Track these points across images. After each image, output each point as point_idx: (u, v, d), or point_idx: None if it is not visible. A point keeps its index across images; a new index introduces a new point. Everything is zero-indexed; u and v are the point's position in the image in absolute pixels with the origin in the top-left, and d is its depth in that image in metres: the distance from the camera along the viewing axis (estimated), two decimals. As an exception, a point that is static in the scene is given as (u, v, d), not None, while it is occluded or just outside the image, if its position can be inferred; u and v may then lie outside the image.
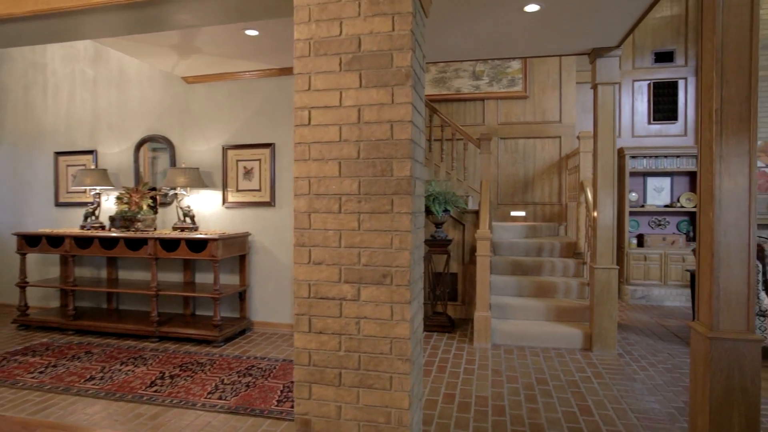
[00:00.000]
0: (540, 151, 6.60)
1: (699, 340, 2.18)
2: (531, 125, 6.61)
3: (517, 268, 5.30)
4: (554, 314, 4.69)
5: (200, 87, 5.32)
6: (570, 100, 6.53)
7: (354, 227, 2.14)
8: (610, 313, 4.22)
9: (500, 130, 6.70)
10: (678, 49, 7.56)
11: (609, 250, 4.23)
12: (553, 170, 6.57)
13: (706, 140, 2.14)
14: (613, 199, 4.19)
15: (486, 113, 6.77)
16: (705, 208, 2.15)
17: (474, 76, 6.83)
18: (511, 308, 4.77)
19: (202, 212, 5.31)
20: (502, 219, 6.64)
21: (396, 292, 2.10)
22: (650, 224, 7.68)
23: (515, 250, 5.56)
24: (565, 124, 6.52)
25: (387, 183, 2.11)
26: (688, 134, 7.53)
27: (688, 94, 7.53)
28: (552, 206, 6.55)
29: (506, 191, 6.68)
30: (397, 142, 2.10)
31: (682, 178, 7.62)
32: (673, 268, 7.29)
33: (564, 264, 5.23)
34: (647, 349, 4.88)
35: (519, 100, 6.67)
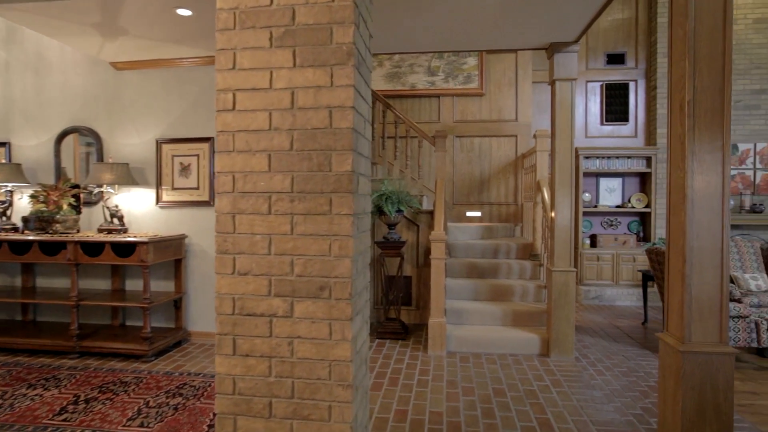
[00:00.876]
0: (496, 150, 6.46)
1: (669, 353, 1.99)
2: (487, 123, 6.46)
3: (473, 271, 5.11)
4: (511, 319, 4.52)
5: (131, 74, 4.81)
6: (526, 98, 6.42)
7: (286, 231, 1.82)
8: (568, 317, 4.08)
9: (456, 128, 6.52)
10: (629, 51, 7.63)
11: (567, 252, 4.08)
12: (509, 170, 6.44)
13: (677, 135, 1.95)
14: (571, 199, 4.05)
15: (441, 110, 6.57)
16: (676, 209, 1.96)
17: (429, 71, 6.61)
18: (467, 313, 4.57)
19: (133, 212, 4.81)
20: (457, 219, 6.46)
21: (335, 307, 1.79)
22: (602, 224, 7.72)
23: (471, 251, 5.37)
24: (522, 123, 6.41)
25: (325, 179, 1.80)
26: (638, 136, 7.62)
27: (638, 96, 7.62)
28: (508, 206, 6.42)
29: (462, 191, 6.50)
30: (337, 132, 1.79)
31: (632, 179, 7.70)
32: (624, 268, 7.35)
33: (520, 266, 5.08)
34: (602, 352, 4.80)
35: (475, 97, 6.51)
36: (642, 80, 7.61)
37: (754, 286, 5.92)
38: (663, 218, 7.32)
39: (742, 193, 7.38)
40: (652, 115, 7.47)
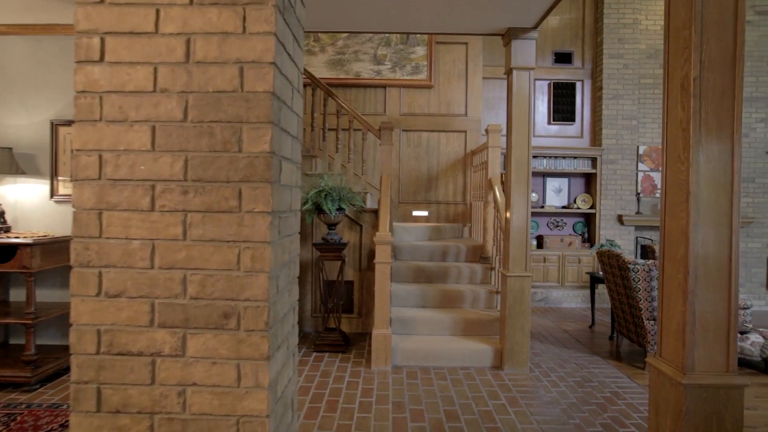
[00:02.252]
0: (444, 145, 6.12)
1: (666, 385, 1.64)
2: (436, 117, 6.10)
3: (421, 275, 4.71)
4: (462, 328, 4.15)
5: (18, 40, 4.00)
6: (476, 92, 6.12)
7: (176, 235, 1.29)
8: (523, 326, 3.76)
9: (403, 122, 6.11)
10: (576, 51, 7.56)
11: (522, 255, 3.77)
12: (457, 167, 6.12)
13: (676, 120, 1.60)
14: (527, 198, 3.73)
15: (388, 102, 6.14)
16: (674, 210, 1.61)
17: (375, 60, 6.16)
18: (414, 322, 4.15)
19: (21, 208, 4.01)
20: (403, 219, 6.06)
21: (246, 342, 1.28)
22: (549, 225, 7.61)
23: (418, 254, 4.97)
24: (471, 118, 6.11)
25: (233, 163, 1.29)
26: (584, 136, 7.56)
27: (584, 96, 7.56)
28: (456, 206, 6.10)
29: (408, 189, 6.11)
30: (251, 98, 1.28)
31: (578, 180, 7.65)
32: (570, 270, 7.26)
33: (471, 270, 4.74)
34: (555, 360, 4.55)
35: (423, 89, 6.13)
36: (588, 80, 7.56)
37: (696, 288, 5.96)
38: (607, 219, 7.29)
39: (680, 195, 7.49)
40: (597, 116, 7.43)
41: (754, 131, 7.35)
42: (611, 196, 7.31)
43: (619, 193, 7.32)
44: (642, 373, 4.26)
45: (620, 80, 7.27)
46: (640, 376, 4.21)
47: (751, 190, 7.35)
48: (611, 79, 7.26)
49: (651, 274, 4.29)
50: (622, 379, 4.12)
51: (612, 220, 7.31)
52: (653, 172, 7.49)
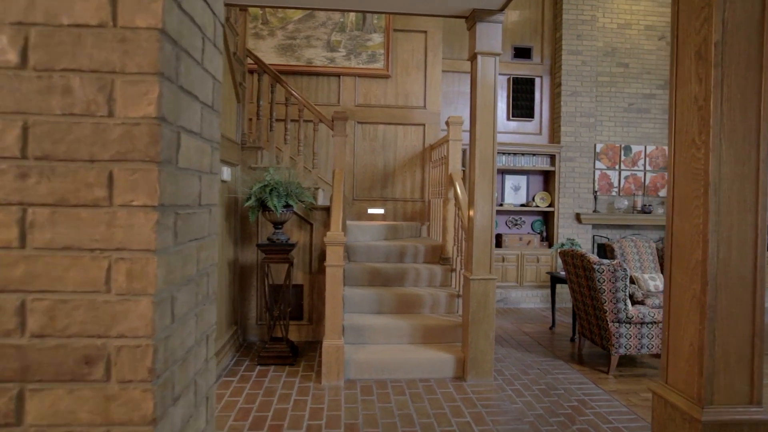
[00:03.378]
0: (402, 139, 5.78)
1: (677, 420, 1.34)
2: (393, 109, 5.76)
3: (377, 278, 4.35)
4: (421, 335, 3.82)
5: None
6: (435, 83, 5.82)
7: (8, 241, 0.85)
8: (487, 333, 3.47)
9: (358, 113, 5.72)
10: (535, 47, 7.41)
11: (486, 257, 3.47)
12: (415, 162, 5.80)
13: (689, 97, 1.30)
14: (491, 195, 3.44)
15: (342, 92, 5.73)
16: (686, 207, 1.31)
17: (329, 46, 5.74)
18: (369, 330, 3.78)
19: None
20: (358, 217, 5.68)
21: (119, 400, 0.86)
22: (508, 224, 7.44)
23: (374, 255, 4.61)
24: (430, 111, 5.80)
25: (99, 133, 0.86)
26: (543, 133, 7.43)
27: (543, 92, 7.43)
28: (414, 203, 5.78)
29: (363, 185, 5.73)
30: (128, 36, 0.87)
31: (537, 177, 7.52)
32: (529, 269, 7.12)
33: (430, 271, 4.43)
34: (517, 365, 4.31)
35: (380, 79, 5.77)
36: (547, 77, 7.44)
37: (653, 287, 5.90)
38: (565, 218, 7.19)
39: (635, 193, 7.52)
40: (556, 113, 7.32)
41: (705, 131, 7.43)
42: (569, 194, 7.22)
43: (577, 191, 7.24)
44: (606, 378, 4.09)
45: (578, 77, 7.18)
46: (605, 381, 4.02)
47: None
48: (570, 76, 7.16)
49: (616, 274, 4.12)
50: (587, 385, 3.92)
51: (570, 218, 7.22)
52: (610, 171, 7.46)
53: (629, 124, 7.52)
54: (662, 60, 7.54)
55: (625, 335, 4.15)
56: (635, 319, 4.14)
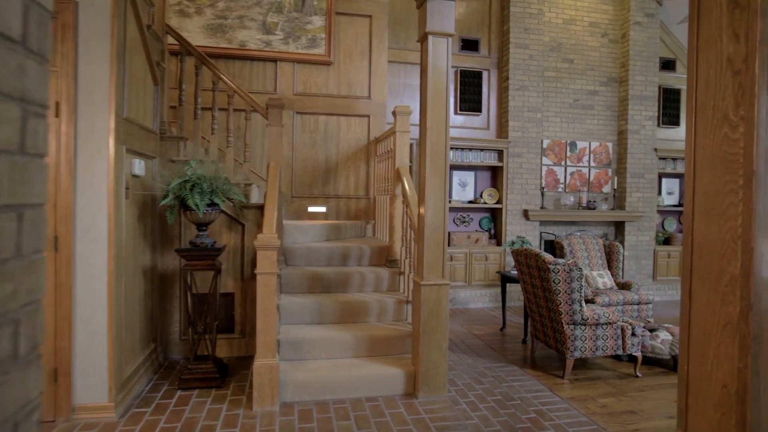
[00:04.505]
0: (345, 131, 5.36)
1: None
2: (335, 99, 5.32)
3: (317, 284, 3.92)
4: (367, 347, 3.44)
5: None
6: (381, 72, 5.44)
7: None
8: (440, 344, 3.14)
9: (297, 102, 5.24)
10: (483, 39, 7.21)
11: (438, 260, 3.14)
12: (359, 156, 5.40)
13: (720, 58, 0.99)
14: (444, 190, 3.11)
15: (280, 79, 5.23)
16: (716, 205, 1.00)
17: (265, 28, 5.22)
18: (309, 345, 3.35)
19: None
20: (297, 216, 5.21)
21: None
22: (455, 221, 7.21)
23: (314, 258, 4.17)
24: (376, 102, 5.41)
25: None
26: (490, 128, 7.25)
27: (491, 86, 7.25)
28: (358, 200, 5.39)
29: (303, 181, 5.26)
30: None
31: (484, 173, 7.33)
32: (477, 268, 6.92)
33: (376, 275, 4.05)
34: (470, 373, 4.04)
35: (321, 66, 5.31)
36: (495, 70, 7.26)
37: (601, 284, 5.84)
38: (513, 215, 7.06)
39: (580, 190, 7.51)
40: (504, 108, 7.16)
41: (644, 128, 7.55)
42: (517, 190, 7.09)
43: (524, 187, 7.12)
44: (562, 383, 3.89)
45: (526, 71, 7.05)
46: (561, 387, 3.82)
47: (641, 185, 7.55)
48: (517, 70, 7.02)
49: (571, 274, 3.92)
50: (543, 392, 3.69)
51: (518, 215, 7.09)
52: (556, 167, 7.40)
53: (574, 120, 7.50)
54: (605, 57, 7.57)
55: (580, 337, 3.97)
56: (591, 320, 3.96)
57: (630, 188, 7.50)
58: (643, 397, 3.65)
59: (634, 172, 7.50)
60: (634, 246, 7.52)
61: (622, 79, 7.59)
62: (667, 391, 3.77)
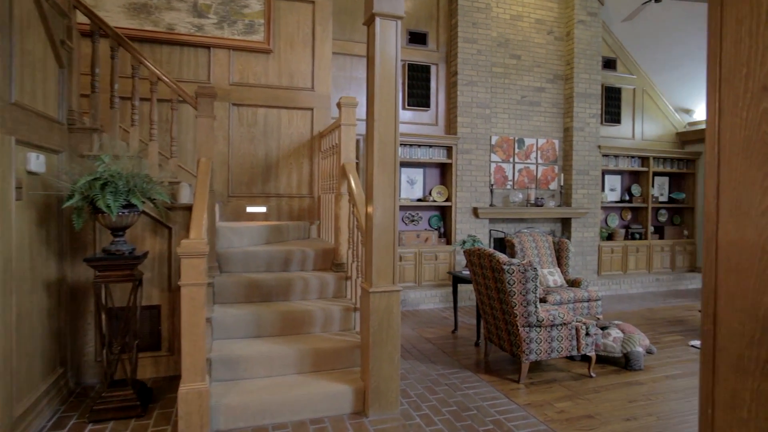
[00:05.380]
0: (287, 125, 4.98)
1: None
2: (276, 90, 4.93)
3: (255, 292, 3.55)
4: (311, 362, 3.11)
5: None
6: (325, 63, 5.10)
7: None
8: (392, 356, 2.87)
9: (234, 93, 4.81)
10: (431, 33, 7.03)
11: (389, 264, 2.86)
12: (303, 152, 5.04)
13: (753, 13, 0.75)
14: (394, 187, 2.84)
15: (213, 67, 4.77)
16: (745, 203, 0.76)
17: (196, 11, 4.74)
18: (245, 362, 2.98)
19: None
20: (235, 217, 4.78)
21: None
22: (404, 220, 6.98)
23: (253, 263, 3.79)
24: (320, 94, 5.07)
25: None
26: (439, 124, 7.08)
27: (439, 81, 7.07)
28: (302, 199, 5.03)
29: (241, 179, 4.84)
30: None
31: (433, 170, 7.15)
32: (427, 268, 6.74)
33: (321, 281, 3.72)
34: (423, 382, 3.81)
35: (260, 54, 4.90)
36: (443, 65, 7.09)
37: (552, 282, 5.79)
38: (463, 213, 6.92)
39: (528, 187, 7.49)
40: (452, 103, 7.00)
41: (588, 126, 7.64)
42: (466, 188, 6.96)
43: (474, 184, 7.00)
44: (518, 388, 3.73)
45: (474, 66, 6.93)
46: (517, 392, 3.66)
47: (585, 182, 7.64)
48: (466, 65, 6.88)
49: (526, 275, 3.76)
50: (500, 399, 3.52)
51: (467, 213, 6.96)
52: (504, 164, 7.34)
53: (522, 116, 7.47)
54: (551, 54, 7.59)
55: (535, 340, 3.82)
56: (546, 322, 3.82)
57: (576, 185, 7.57)
58: (599, 399, 3.55)
59: (580, 169, 7.58)
60: (580, 242, 7.60)
61: (567, 76, 7.64)
62: (621, 391, 3.70)
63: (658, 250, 8.24)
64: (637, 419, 3.27)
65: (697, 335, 5.23)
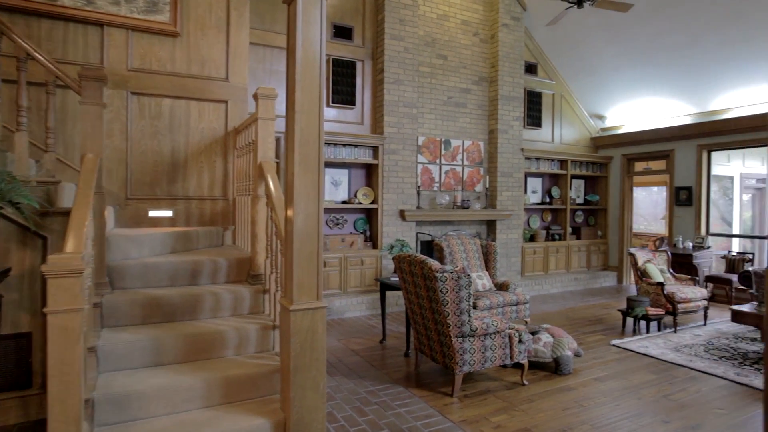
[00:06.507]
0: (197, 119, 4.43)
1: None
2: (185, 79, 4.36)
3: (156, 311, 3.02)
4: (222, 392, 2.67)
5: None
6: (241, 51, 4.60)
7: None
8: (316, 382, 2.51)
9: (133, 80, 4.18)
10: (356, 27, 6.72)
11: (312, 276, 2.51)
12: (216, 149, 4.51)
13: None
14: (319, 188, 2.49)
15: (108, 49, 4.11)
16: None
17: (83, -18, 4.05)
18: (141, 398, 2.48)
19: None
20: (135, 223, 4.16)
21: None
22: (329, 223, 6.62)
23: (153, 277, 3.25)
24: (235, 85, 4.57)
25: None
26: (364, 123, 6.80)
27: (365, 78, 6.79)
28: (215, 202, 4.50)
29: (143, 178, 4.22)
30: None
31: (359, 171, 6.85)
32: (352, 273, 6.43)
33: (235, 295, 3.27)
34: (351, 401, 3.50)
35: (165, 37, 4.31)
36: (369, 61, 6.82)
37: (480, 286, 5.70)
38: (389, 215, 6.68)
39: (455, 189, 7.43)
40: (378, 102, 6.75)
41: (512, 128, 7.73)
42: (393, 189, 6.73)
43: (401, 186, 6.79)
44: (452, 403, 3.52)
45: (401, 64, 6.72)
46: (451, 407, 3.45)
47: (510, 184, 7.72)
48: (392, 62, 6.65)
49: (460, 282, 3.56)
50: (434, 417, 3.28)
51: (394, 215, 6.74)
52: (431, 165, 7.21)
53: (448, 117, 7.39)
54: (477, 56, 7.59)
55: (469, 350, 3.64)
56: (479, 331, 3.65)
57: (500, 187, 7.62)
58: (534, 409, 3.43)
59: (504, 171, 7.64)
60: (505, 244, 7.66)
61: (492, 79, 7.68)
62: (554, 399, 3.61)
63: (575, 250, 8.54)
64: (572, 429, 3.17)
65: (616, 334, 5.37)
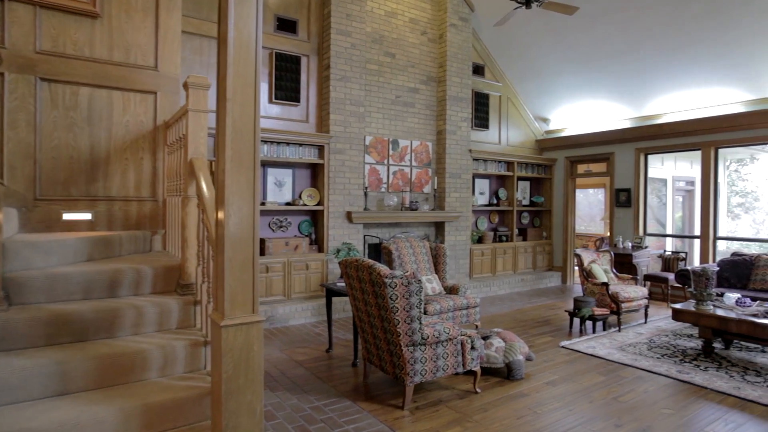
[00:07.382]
0: (121, 111, 3.97)
1: None
2: (106, 66, 3.89)
3: (64, 330, 2.61)
4: (141, 424, 2.31)
5: None
6: (172, 38, 4.19)
7: None
8: (252, 407, 2.22)
9: (43, 64, 3.68)
10: (301, 21, 6.42)
11: (247, 286, 2.21)
12: (143, 145, 4.07)
13: None
14: (254, 188, 2.20)
15: (10, 27, 3.59)
16: None
17: (-19, -49, 3.52)
18: (37, 436, 2.08)
19: None
20: (47, 227, 3.66)
21: None
22: (271, 226, 6.27)
23: (63, 289, 2.82)
24: (165, 75, 4.14)
25: None
26: (310, 121, 6.49)
27: (310, 74, 6.49)
28: (142, 203, 4.06)
29: (55, 176, 3.73)
30: None
31: (304, 171, 6.54)
32: (297, 278, 6.11)
33: (161, 308, 2.90)
34: (295, 420, 3.23)
35: (83, 18, 3.83)
36: (315, 57, 6.53)
37: (430, 290, 5.53)
38: (336, 217, 6.41)
39: (403, 190, 7.27)
40: (324, 99, 6.47)
41: (460, 129, 7.68)
42: (339, 190, 6.47)
43: (347, 187, 6.54)
44: (403, 417, 3.31)
45: (348, 61, 6.48)
46: (402, 422, 3.24)
47: (458, 185, 7.66)
48: (339, 58, 6.40)
49: (410, 288, 3.37)
50: (383, 434, 3.06)
51: (340, 217, 6.48)
52: (379, 165, 7.01)
53: (396, 117, 7.22)
54: (425, 55, 7.47)
55: (420, 360, 3.44)
56: (431, 339, 3.47)
57: (449, 188, 7.54)
58: (488, 420, 3.29)
59: (452, 172, 7.57)
60: (453, 246, 7.59)
61: (440, 79, 7.59)
62: (508, 407, 3.48)
63: (522, 251, 8.61)
64: (526, 439, 3.05)
65: (564, 335, 5.38)
